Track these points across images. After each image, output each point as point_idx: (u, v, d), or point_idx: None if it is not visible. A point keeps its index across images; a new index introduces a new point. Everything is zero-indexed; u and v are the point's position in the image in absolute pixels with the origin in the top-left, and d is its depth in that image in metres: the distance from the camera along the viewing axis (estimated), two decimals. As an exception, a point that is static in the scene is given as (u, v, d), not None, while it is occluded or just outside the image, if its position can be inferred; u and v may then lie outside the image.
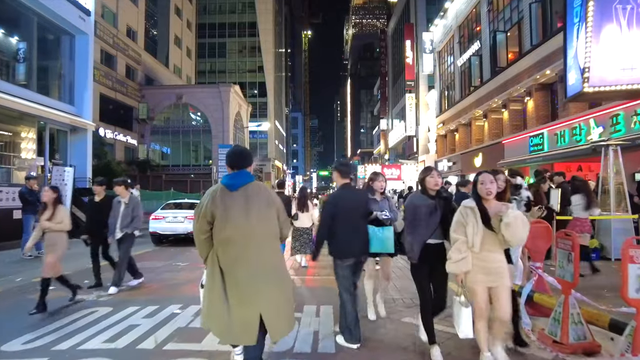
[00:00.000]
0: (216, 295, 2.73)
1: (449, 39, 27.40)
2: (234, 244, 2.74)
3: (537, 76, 15.76)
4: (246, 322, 2.69)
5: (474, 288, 3.21)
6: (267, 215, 2.85)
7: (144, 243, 12.33)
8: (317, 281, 6.73)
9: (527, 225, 3.11)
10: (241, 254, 2.74)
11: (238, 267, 2.73)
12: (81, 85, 13.26)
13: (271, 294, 2.75)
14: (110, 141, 31.33)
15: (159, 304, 5.22)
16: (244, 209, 2.77)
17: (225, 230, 2.73)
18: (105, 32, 29.90)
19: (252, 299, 2.71)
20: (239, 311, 2.69)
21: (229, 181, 2.85)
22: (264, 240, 2.82)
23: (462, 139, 25.27)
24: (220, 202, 2.77)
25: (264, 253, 2.80)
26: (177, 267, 8.39)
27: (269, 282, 2.77)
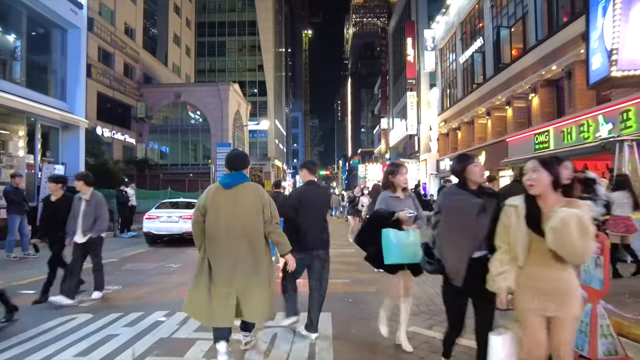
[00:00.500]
0: (202, 282, 3.08)
1: (451, 35, 26.98)
2: (219, 237, 3.08)
3: (542, 72, 15.34)
4: (224, 308, 3.03)
5: (521, 316, 2.36)
6: (252, 214, 3.15)
7: (138, 243, 11.98)
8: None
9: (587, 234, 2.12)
10: (225, 247, 3.07)
11: (221, 259, 3.07)
12: (73, 81, 12.87)
13: (248, 285, 3.08)
14: (108, 140, 30.93)
15: (144, 310, 4.82)
16: (231, 207, 3.11)
17: (213, 223, 3.10)
18: (102, 30, 29.52)
19: (231, 288, 3.05)
20: (219, 298, 3.03)
21: (224, 180, 3.23)
22: (246, 236, 3.12)
23: (464, 137, 24.85)
24: (213, 198, 3.15)
25: (245, 248, 3.11)
26: (168, 269, 8.00)
27: (247, 274, 3.09)
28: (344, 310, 4.77)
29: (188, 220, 11.44)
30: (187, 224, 11.41)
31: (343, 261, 8.61)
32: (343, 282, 6.38)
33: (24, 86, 11.41)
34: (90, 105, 28.72)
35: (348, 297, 5.33)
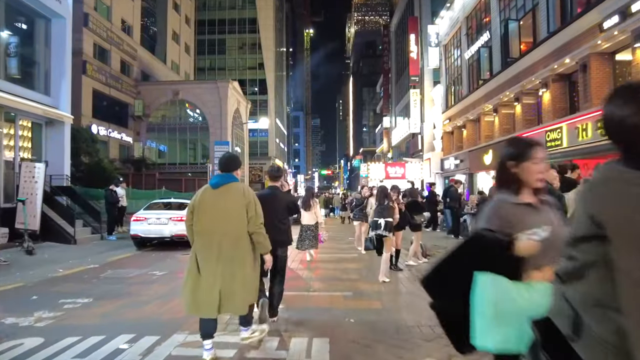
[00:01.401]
0: (192, 275, 3.32)
1: (456, 31, 26.20)
2: (204, 233, 3.32)
3: (554, 66, 14.55)
4: (208, 299, 3.23)
5: None
6: (236, 212, 3.34)
7: (126, 246, 11.25)
8: (312, 299, 5.56)
9: None
10: (209, 242, 3.29)
11: (206, 254, 3.30)
12: (58, 74, 12.11)
13: (229, 279, 3.26)
14: (104, 138, 30.19)
15: (107, 333, 4.07)
16: (216, 205, 3.33)
17: (199, 220, 3.35)
18: (98, 26, 28.81)
19: (214, 281, 3.24)
20: (204, 290, 3.24)
21: (213, 181, 3.46)
22: (229, 233, 3.31)
23: (470, 135, 24.06)
24: (201, 198, 3.36)
25: (228, 244, 3.29)
26: (151, 277, 7.25)
27: (230, 269, 3.28)
28: (344, 335, 4.00)
29: (179, 222, 10.69)
30: (177, 226, 10.66)
31: (343, 268, 7.85)
32: (343, 295, 5.63)
33: (2, 78, 10.66)
34: (85, 102, 28.05)
35: (349, 316, 4.57)
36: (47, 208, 10.68)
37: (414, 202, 8.54)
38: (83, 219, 11.89)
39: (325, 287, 6.14)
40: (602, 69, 12.62)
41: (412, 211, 8.05)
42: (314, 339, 3.86)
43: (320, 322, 4.41)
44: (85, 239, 11.37)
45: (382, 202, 6.73)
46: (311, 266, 8.18)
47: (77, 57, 27.01)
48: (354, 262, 8.40)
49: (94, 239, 11.89)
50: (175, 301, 5.37)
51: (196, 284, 3.28)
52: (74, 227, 10.79)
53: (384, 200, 6.74)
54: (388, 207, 6.72)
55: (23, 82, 11.36)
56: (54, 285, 6.53)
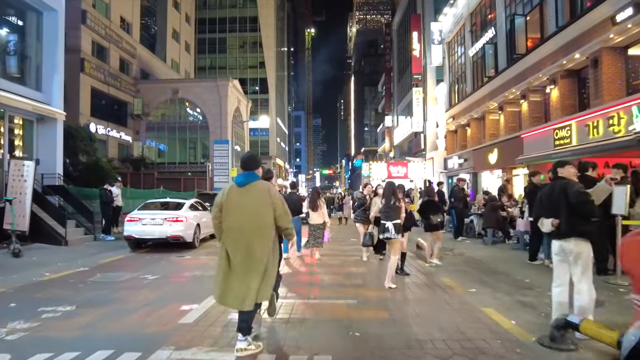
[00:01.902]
0: (222, 269, 3.56)
1: (460, 28, 25.72)
2: (233, 229, 3.56)
3: (563, 61, 14.08)
4: (237, 291, 3.48)
5: None
6: (262, 210, 3.55)
7: (121, 247, 10.84)
8: (312, 308, 5.12)
9: None
10: (238, 238, 3.53)
11: (235, 249, 3.53)
12: (50, 69, 11.68)
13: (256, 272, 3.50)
14: (102, 137, 29.82)
15: (83, 348, 3.64)
16: (243, 203, 3.56)
17: (228, 218, 3.58)
18: (96, 23, 28.43)
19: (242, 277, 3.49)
20: (233, 282, 3.51)
21: (238, 179, 3.65)
22: (256, 229, 3.53)
23: (474, 134, 23.60)
24: (227, 196, 3.60)
25: (254, 241, 3.51)
26: (142, 281, 6.83)
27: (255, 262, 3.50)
28: (348, 352, 3.57)
29: (174, 223, 10.29)
30: (172, 227, 10.25)
31: (346, 273, 7.41)
32: (347, 303, 5.19)
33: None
34: (83, 101, 27.69)
35: (353, 329, 4.14)
36: (38, 208, 10.26)
37: (430, 201, 8.24)
38: (76, 220, 11.47)
39: (327, 294, 5.70)
40: (614, 64, 12.16)
41: (429, 211, 7.78)
42: (315, 357, 3.42)
43: (321, 335, 3.98)
44: (78, 240, 10.96)
45: (389, 202, 6.31)
46: (313, 270, 7.74)
47: (75, 54, 26.72)
48: (358, 266, 7.97)
49: (87, 240, 11.47)
50: (164, 309, 4.96)
51: (227, 277, 3.52)
52: (65, 228, 10.36)
53: (391, 199, 6.30)
54: (395, 207, 6.28)
55: (13, 77, 10.94)
56: (37, 290, 6.12)
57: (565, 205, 3.93)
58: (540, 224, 4.12)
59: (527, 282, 6.38)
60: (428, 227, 8.06)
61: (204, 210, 12.56)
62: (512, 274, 7.05)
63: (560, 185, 4.08)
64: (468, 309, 4.88)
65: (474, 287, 6.13)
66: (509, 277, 6.84)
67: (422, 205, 8.20)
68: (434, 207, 8.00)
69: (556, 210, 3.97)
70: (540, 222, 4.13)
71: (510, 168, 18.99)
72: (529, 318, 4.54)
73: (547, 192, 4.17)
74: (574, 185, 4.00)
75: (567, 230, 3.88)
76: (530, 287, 6.02)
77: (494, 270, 7.36)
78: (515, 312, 4.75)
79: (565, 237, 3.90)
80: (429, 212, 7.83)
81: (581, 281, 3.82)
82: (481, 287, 6.09)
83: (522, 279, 6.60)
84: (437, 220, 7.86)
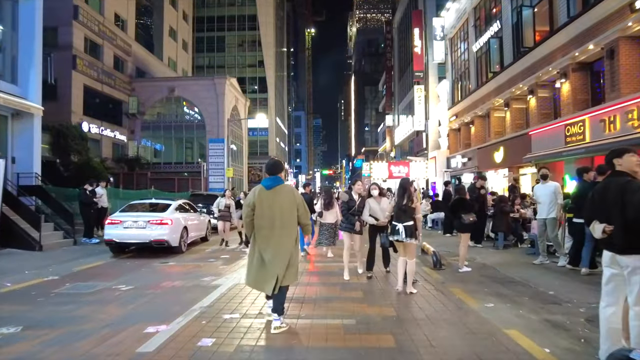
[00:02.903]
0: (255, 262, 4.24)
1: (463, 23, 24.93)
2: (263, 228, 4.20)
3: (575, 53, 13.28)
4: (268, 279, 4.13)
5: None
6: (289, 209, 4.24)
7: (101, 253, 10.06)
8: (301, 330, 4.30)
9: None
10: (268, 235, 4.19)
11: (266, 246, 4.19)
12: (26, 61, 10.88)
13: (280, 266, 4.14)
14: (96, 137, 29.01)
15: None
16: (272, 204, 4.20)
17: (259, 217, 4.20)
18: (89, 19, 27.62)
19: (271, 267, 4.14)
20: (265, 271, 4.16)
21: (266, 183, 4.27)
22: (282, 228, 4.19)
23: (478, 132, 22.80)
24: (259, 197, 4.22)
25: (282, 236, 4.20)
26: (113, 293, 6.04)
27: (280, 258, 4.16)
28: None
29: (157, 226, 9.49)
30: (155, 230, 9.44)
31: (343, 283, 6.58)
32: (343, 323, 4.38)
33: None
34: (76, 99, 26.87)
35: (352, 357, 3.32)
36: (10, 210, 9.46)
37: (462, 199, 7.64)
38: (55, 222, 10.68)
39: (321, 312, 4.89)
40: (633, 54, 11.35)
41: (460, 209, 7.30)
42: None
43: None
44: (55, 245, 10.15)
45: (401, 202, 5.60)
46: (308, 279, 6.94)
47: (66, 51, 25.94)
48: (358, 275, 7.14)
49: (66, 245, 10.66)
50: (125, 332, 4.16)
51: (260, 268, 4.14)
52: (40, 232, 9.55)
53: (404, 198, 5.59)
54: (408, 207, 5.57)
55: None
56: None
57: (620, 213, 3.01)
58: (592, 229, 3.26)
59: (552, 294, 5.56)
60: (460, 227, 7.53)
61: (194, 212, 11.76)
62: (532, 284, 6.23)
63: (616, 185, 3.12)
64: (488, 331, 4.08)
65: (490, 300, 5.32)
66: (529, 288, 6.02)
67: (454, 204, 7.72)
68: (466, 206, 7.45)
69: (608, 214, 3.11)
70: (591, 226, 3.26)
71: (517, 167, 18.20)
72: (565, 344, 3.73)
73: (600, 190, 3.27)
74: (636, 190, 2.99)
75: (624, 246, 3.00)
76: (556, 302, 5.20)
77: (511, 280, 6.54)
78: (546, 336, 3.94)
79: (620, 253, 3.04)
80: (460, 211, 7.31)
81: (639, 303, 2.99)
82: (499, 301, 5.28)
83: (545, 290, 5.78)
84: (470, 220, 7.29)
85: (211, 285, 6.43)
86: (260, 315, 4.73)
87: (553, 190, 7.76)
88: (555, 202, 7.76)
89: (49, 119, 24.51)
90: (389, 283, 6.37)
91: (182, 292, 6.06)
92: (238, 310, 4.94)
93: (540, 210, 8.06)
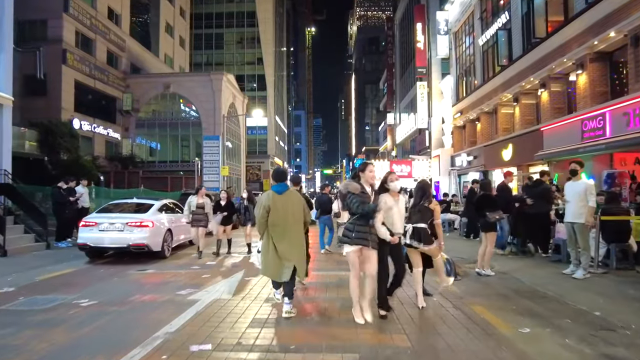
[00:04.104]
0: (270, 255, 4.86)
1: (468, 16, 23.96)
2: (278, 225, 4.85)
3: (594, 42, 12.31)
4: (285, 269, 4.79)
5: None
6: (297, 210, 4.98)
7: (77, 257, 9.09)
8: None
9: None
10: (282, 232, 4.86)
11: (281, 240, 4.86)
12: (-6, 46, 9.96)
13: (297, 255, 4.89)
14: (88, 134, 28.05)
15: None
16: (284, 206, 4.88)
17: (275, 217, 4.84)
18: (80, 12, 26.65)
19: (288, 257, 4.82)
20: (282, 263, 4.81)
21: (277, 189, 4.98)
22: (294, 224, 4.93)
23: (484, 129, 21.81)
24: (272, 201, 4.86)
25: (294, 232, 4.93)
26: (71, 310, 5.08)
27: (296, 249, 4.91)
28: None
29: (137, 228, 8.51)
30: (135, 233, 8.46)
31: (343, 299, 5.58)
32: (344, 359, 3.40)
33: None
34: (66, 94, 25.86)
35: None
36: (-29, 211, 8.52)
37: (487, 195, 6.97)
38: (25, 224, 9.70)
39: (315, 342, 3.89)
40: None
41: (485, 207, 6.76)
42: None
43: None
44: (24, 249, 9.19)
45: (418, 202, 4.79)
46: (305, 294, 5.96)
47: (56, 45, 24.95)
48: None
49: (37, 249, 9.69)
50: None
51: (276, 261, 4.83)
52: (4, 235, 8.58)
53: (421, 199, 4.76)
54: (423, 208, 4.78)
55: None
56: None
57: None
58: None
59: (599, 315, 4.54)
60: (485, 226, 6.82)
61: (182, 213, 10.76)
62: (569, 300, 5.20)
63: None
64: None
65: (524, 323, 4.32)
66: (566, 305, 5.00)
67: (479, 201, 7.10)
68: (491, 203, 6.82)
69: None
70: None
71: (527, 165, 17.23)
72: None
73: None
74: None
75: None
76: (609, 327, 4.15)
77: (543, 295, 5.51)
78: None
79: None
80: (485, 209, 6.73)
81: None
82: (535, 324, 4.29)
83: (589, 310, 4.73)
84: (495, 218, 6.74)
85: (186, 300, 5.46)
86: (238, 347, 3.76)
87: (583, 189, 6.62)
88: (584, 203, 6.61)
89: (37, 115, 23.67)
90: (399, 300, 5.38)
91: (150, 309, 5.09)
92: (211, 338, 3.95)
93: (567, 212, 7.01)
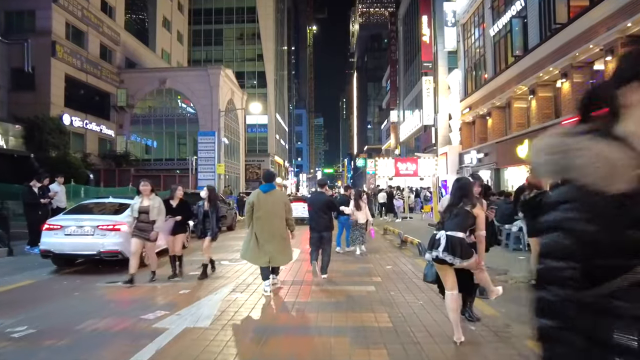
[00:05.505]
0: (252, 243, 5.78)
1: (477, 6, 22.74)
2: (260, 219, 5.76)
3: (627, 24, 11.12)
4: (263, 255, 5.71)
5: None
6: (279, 206, 5.92)
7: (41, 266, 7.90)
8: None
9: None
10: (264, 224, 5.77)
11: (263, 231, 5.76)
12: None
13: (276, 245, 5.78)
14: (79, 131, 26.91)
15: None
16: (268, 202, 5.80)
17: (258, 212, 5.77)
18: (71, 3, 25.51)
19: (267, 246, 5.71)
20: (261, 250, 5.70)
21: (263, 188, 5.93)
22: (275, 219, 5.83)
23: (496, 124, 20.59)
24: (257, 198, 5.83)
25: (275, 226, 5.83)
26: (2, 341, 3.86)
27: (276, 239, 5.81)
28: None
29: (109, 232, 7.31)
30: (106, 238, 7.25)
31: (355, 319, 4.36)
32: None
33: None
34: (55, 89, 24.68)
35: None
36: None
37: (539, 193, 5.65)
38: (-14, 227, 8.55)
39: None
40: None
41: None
42: None
43: None
44: (-20, 256, 8.02)
45: (456, 204, 3.50)
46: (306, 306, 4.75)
47: (45, 37, 23.71)
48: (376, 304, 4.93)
49: (0, 255, 8.51)
50: None
51: (256, 248, 5.72)
52: (-47, 240, 7.43)
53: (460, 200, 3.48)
54: (462, 211, 3.48)
55: None
56: None
57: None
58: None
59: None
60: (533, 231, 5.49)
61: (167, 214, 9.55)
62: None
63: None
64: None
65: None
66: None
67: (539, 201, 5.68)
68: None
69: None
70: None
71: (544, 163, 16.03)
72: None
73: None
74: None
75: None
76: None
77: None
78: None
79: None
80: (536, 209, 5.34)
81: None
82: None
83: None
84: None
85: (152, 328, 4.25)
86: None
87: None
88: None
89: (24, 110, 22.50)
90: (428, 331, 4.15)
91: (100, 342, 3.89)
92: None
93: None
